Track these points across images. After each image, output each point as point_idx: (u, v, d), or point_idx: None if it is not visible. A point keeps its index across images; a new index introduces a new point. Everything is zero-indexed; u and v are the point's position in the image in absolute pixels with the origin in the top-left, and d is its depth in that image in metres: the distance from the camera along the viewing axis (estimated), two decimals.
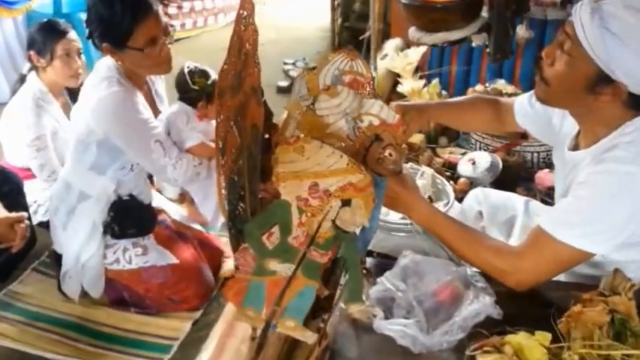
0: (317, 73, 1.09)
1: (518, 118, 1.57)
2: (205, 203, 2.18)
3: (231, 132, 0.94)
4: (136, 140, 1.90)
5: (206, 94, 2.06)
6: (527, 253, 1.25)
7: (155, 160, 1.91)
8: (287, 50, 5.39)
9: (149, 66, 1.93)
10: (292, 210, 0.98)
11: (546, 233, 1.22)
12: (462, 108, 1.64)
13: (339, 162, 0.93)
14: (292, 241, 1.00)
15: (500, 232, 1.80)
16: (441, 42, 1.59)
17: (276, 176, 0.97)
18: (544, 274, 1.25)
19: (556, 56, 1.22)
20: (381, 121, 0.97)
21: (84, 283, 2.13)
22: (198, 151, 2.07)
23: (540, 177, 2.44)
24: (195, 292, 2.17)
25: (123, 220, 2.05)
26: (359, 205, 0.95)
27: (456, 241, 1.32)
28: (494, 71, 3.34)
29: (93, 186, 2.01)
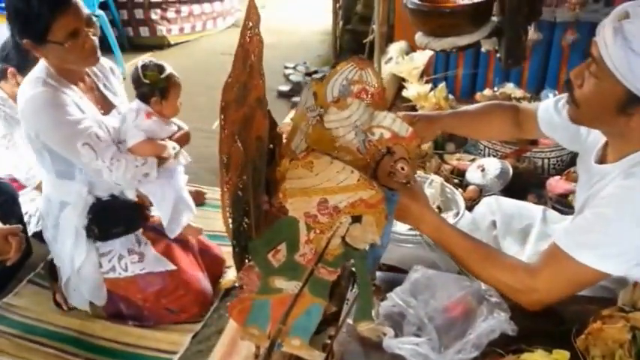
0: (325, 84, 1.04)
1: (542, 125, 1.50)
2: (162, 206, 2.06)
3: (235, 146, 0.89)
4: (63, 143, 1.82)
5: (159, 89, 1.97)
6: (542, 272, 1.18)
7: (87, 164, 1.84)
8: (287, 54, 5.34)
9: (74, 60, 1.83)
10: (300, 227, 0.93)
11: (564, 253, 1.15)
12: (478, 117, 1.57)
13: (349, 178, 0.88)
14: (299, 258, 0.96)
15: (514, 242, 1.75)
16: (450, 47, 1.53)
17: (283, 192, 0.91)
18: (559, 294, 1.19)
19: (584, 78, 1.17)
20: (392, 134, 0.92)
21: (85, 293, 2.08)
22: (138, 149, 1.95)
23: (552, 184, 2.38)
24: (194, 300, 2.11)
25: (102, 221, 1.98)
26: (370, 222, 0.89)
27: (467, 256, 1.26)
28: (502, 75, 3.28)
29: (68, 193, 1.96)
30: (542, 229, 1.75)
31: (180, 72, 2.16)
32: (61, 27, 1.73)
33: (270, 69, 4.94)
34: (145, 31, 5.53)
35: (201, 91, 4.02)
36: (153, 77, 1.96)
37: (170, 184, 2.07)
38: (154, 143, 1.99)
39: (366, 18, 5.00)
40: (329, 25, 5.77)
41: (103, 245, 2.01)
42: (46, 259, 2.28)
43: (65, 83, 1.84)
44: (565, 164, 2.63)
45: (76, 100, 1.84)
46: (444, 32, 1.49)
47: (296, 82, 4.58)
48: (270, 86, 4.51)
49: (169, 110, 2.04)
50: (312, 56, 5.36)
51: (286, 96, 4.36)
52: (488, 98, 2.83)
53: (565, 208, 2.16)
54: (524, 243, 1.73)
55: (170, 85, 1.99)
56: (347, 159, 0.94)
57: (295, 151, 1.10)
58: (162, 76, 1.98)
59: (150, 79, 1.95)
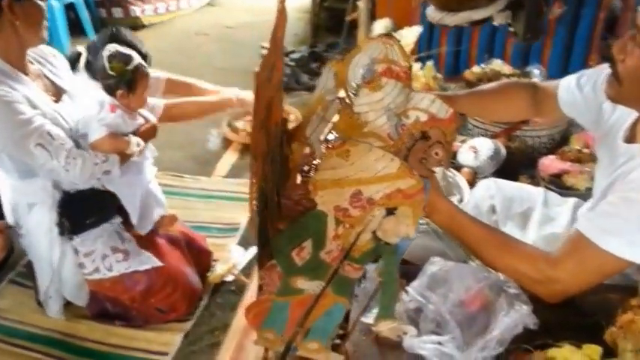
0: (347, 63, 0.93)
1: (562, 104, 1.42)
2: (130, 202, 1.93)
3: (261, 135, 0.79)
4: (14, 146, 1.68)
5: (125, 82, 1.81)
6: (564, 261, 1.10)
7: (42, 165, 1.71)
8: (264, 33, 5.10)
9: (38, 24, 1.70)
10: (328, 221, 0.83)
11: (588, 240, 1.07)
12: (495, 96, 1.49)
13: (388, 166, 0.79)
14: (325, 255, 0.87)
15: (515, 226, 1.69)
16: (465, 22, 1.44)
17: (313, 184, 0.82)
18: (582, 285, 1.12)
19: (627, 51, 1.08)
20: (430, 117, 0.82)
21: (66, 295, 1.97)
22: (102, 145, 1.80)
23: (545, 164, 2.32)
24: (182, 297, 2.01)
25: (73, 214, 1.85)
26: (406, 214, 0.80)
27: (482, 246, 1.17)
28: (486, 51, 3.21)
29: (33, 192, 1.83)
30: (544, 212, 1.70)
31: (155, 54, 2.03)
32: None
33: (247, 49, 4.87)
34: (118, 12, 5.35)
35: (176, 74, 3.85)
36: (119, 69, 1.80)
37: (137, 180, 1.95)
38: (117, 139, 1.84)
39: None
40: (305, 2, 5.63)
41: (83, 245, 1.88)
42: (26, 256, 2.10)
43: (12, 72, 1.70)
44: (556, 143, 2.58)
45: (25, 92, 1.70)
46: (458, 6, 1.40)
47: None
48: (248, 67, 4.32)
49: (136, 103, 1.89)
50: (288, 35, 5.17)
51: None
52: (477, 76, 2.75)
53: (559, 189, 2.12)
54: (526, 227, 1.68)
55: (138, 78, 1.84)
56: (376, 145, 0.85)
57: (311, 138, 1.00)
58: (129, 67, 1.81)
59: (116, 70, 1.80)
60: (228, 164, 3.17)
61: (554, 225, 1.64)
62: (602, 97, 1.33)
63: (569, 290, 1.12)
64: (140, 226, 1.97)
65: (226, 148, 3.32)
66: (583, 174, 2.16)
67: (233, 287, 2.16)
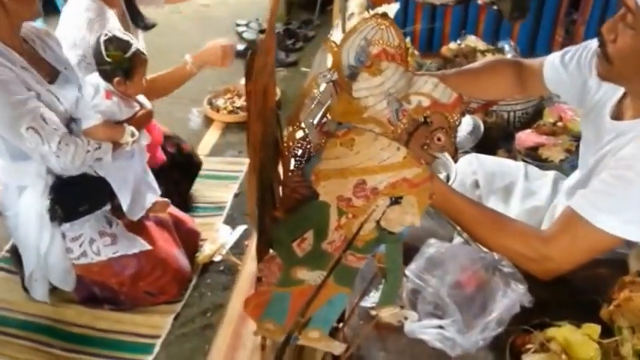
0: (341, 44, 0.93)
1: (547, 81, 1.43)
2: (122, 189, 1.90)
3: (258, 124, 0.78)
4: (4, 127, 1.64)
5: (123, 69, 1.77)
6: (557, 239, 1.12)
7: (32, 149, 1.67)
8: (237, 11, 5.08)
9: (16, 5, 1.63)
10: (331, 212, 0.84)
11: (582, 218, 1.09)
12: (482, 74, 1.49)
13: (394, 155, 0.79)
14: (327, 246, 0.87)
15: (498, 200, 1.71)
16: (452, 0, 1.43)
17: (316, 174, 0.82)
18: (575, 262, 1.14)
19: (618, 31, 1.09)
20: (432, 102, 0.83)
21: (52, 280, 1.94)
22: (95, 133, 1.76)
23: (522, 138, 2.35)
24: (172, 280, 2.01)
25: (66, 201, 1.82)
26: (411, 203, 0.81)
27: (476, 225, 1.20)
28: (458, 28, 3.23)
29: (25, 175, 1.79)
30: (526, 185, 1.73)
31: None
32: None
33: (221, 27, 4.78)
34: None
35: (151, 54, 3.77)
36: (116, 57, 1.75)
37: (130, 166, 1.90)
38: (110, 127, 1.80)
39: None
40: None
41: (71, 229, 1.85)
42: (10, 240, 2.08)
43: (6, 51, 1.63)
44: (530, 116, 2.63)
45: (19, 73, 1.63)
46: None
47: (251, 40, 4.37)
48: None
49: (134, 89, 1.85)
50: (264, 12, 5.11)
51: (241, 55, 4.14)
52: (453, 52, 2.76)
53: (535, 161, 2.17)
54: (509, 201, 1.71)
55: (136, 64, 1.79)
56: (376, 131, 0.85)
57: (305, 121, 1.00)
58: (127, 55, 1.76)
59: (113, 58, 1.74)
60: (210, 143, 3.14)
61: (535, 198, 1.67)
62: (586, 74, 1.35)
63: (562, 267, 1.14)
64: (132, 212, 1.94)
65: (208, 126, 3.29)
66: (557, 146, 2.21)
67: (222, 267, 2.16)
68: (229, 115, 3.33)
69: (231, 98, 3.48)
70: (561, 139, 2.23)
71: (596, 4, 2.93)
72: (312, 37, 4.60)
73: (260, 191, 0.84)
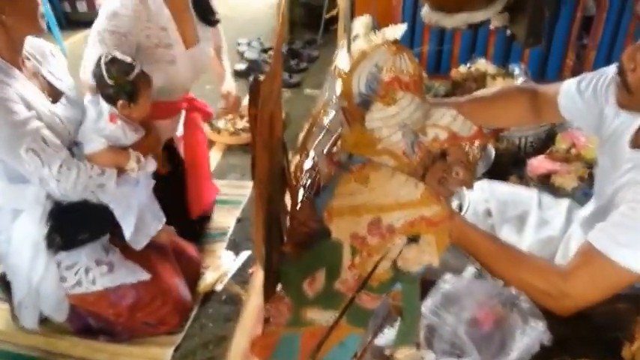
0: (351, 71, 0.88)
1: (563, 109, 1.40)
2: (125, 216, 1.80)
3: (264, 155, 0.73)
4: (2, 147, 1.55)
5: (126, 92, 1.69)
6: (576, 275, 1.07)
7: (31, 172, 1.58)
8: (239, 30, 5.07)
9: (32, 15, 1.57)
10: (344, 251, 0.78)
11: (601, 253, 1.05)
12: (496, 102, 1.45)
13: (412, 192, 0.73)
14: (339, 285, 0.81)
15: (512, 229, 1.67)
16: (464, 24, 1.39)
17: (328, 212, 0.76)
18: (594, 298, 1.09)
19: (637, 60, 1.06)
20: (450, 134, 0.77)
21: (44, 310, 1.85)
22: (99, 158, 1.69)
23: (534, 164, 2.32)
24: (173, 310, 1.92)
25: (65, 228, 1.74)
26: (428, 242, 0.76)
27: (493, 259, 1.13)
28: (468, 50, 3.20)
29: (22, 199, 1.70)
30: (539, 215, 1.69)
31: None
32: None
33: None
34: (83, 5, 5.13)
35: None
36: (119, 80, 1.67)
37: (134, 192, 1.81)
38: (115, 152, 1.72)
39: None
40: None
41: (66, 257, 1.77)
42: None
43: (6, 67, 1.57)
44: (542, 142, 2.59)
45: (20, 90, 1.57)
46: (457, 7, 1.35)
47: (252, 60, 4.34)
48: None
49: (139, 112, 1.76)
50: (265, 31, 5.12)
51: (243, 75, 4.12)
52: (463, 75, 2.73)
53: (547, 189, 2.12)
54: (522, 230, 1.67)
55: (140, 87, 1.71)
56: (390, 164, 0.79)
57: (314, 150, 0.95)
58: (130, 77, 1.69)
59: (115, 80, 1.67)
60: (211, 166, 3.07)
61: (549, 228, 1.63)
62: (603, 102, 1.32)
63: (581, 304, 1.09)
64: (135, 241, 1.84)
65: (209, 148, 3.23)
66: (570, 174, 2.19)
67: (224, 297, 2.08)
68: (231, 137, 3.28)
69: (232, 119, 3.43)
70: (574, 166, 2.19)
71: (607, 30, 2.92)
72: (315, 58, 4.58)
73: (267, 226, 0.78)
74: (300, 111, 3.54)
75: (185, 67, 2.06)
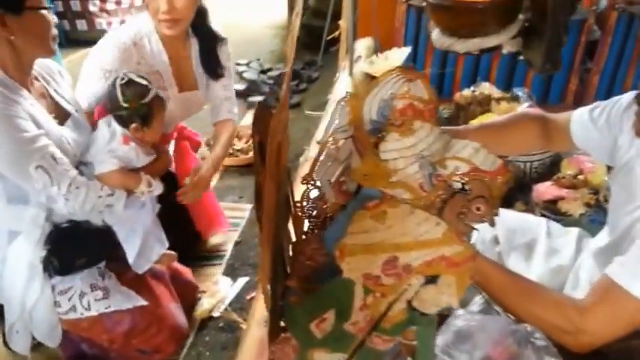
0: (362, 98, 0.84)
1: (575, 138, 1.38)
2: (129, 239, 1.78)
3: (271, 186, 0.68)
4: (11, 164, 1.53)
5: (140, 116, 1.69)
6: (595, 310, 1.04)
7: (39, 190, 1.56)
8: (238, 50, 5.06)
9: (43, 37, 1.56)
10: (356, 290, 0.72)
11: (621, 288, 1.02)
12: (505, 129, 1.43)
13: (432, 231, 0.69)
14: (350, 327, 0.76)
15: (519, 258, 1.64)
16: (476, 49, 1.37)
17: (341, 250, 0.71)
18: (613, 335, 1.06)
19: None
20: (472, 167, 0.72)
21: (36, 335, 1.78)
22: (110, 179, 1.67)
23: (540, 190, 2.29)
24: (169, 338, 1.86)
25: (64, 252, 1.69)
26: (448, 283, 0.70)
27: (506, 293, 1.11)
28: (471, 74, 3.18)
29: (20, 220, 1.66)
30: (548, 243, 1.65)
31: None
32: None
33: None
34: (83, 24, 5.13)
35: None
36: (134, 103, 1.66)
37: (139, 215, 1.78)
38: (126, 175, 1.71)
39: (320, 12, 4.82)
40: (279, 19, 5.55)
41: (60, 281, 1.71)
42: None
43: (15, 86, 1.54)
44: (547, 168, 2.56)
45: (29, 109, 1.54)
46: (470, 32, 1.32)
47: (251, 81, 4.34)
48: None
49: (151, 136, 1.76)
50: (264, 52, 5.13)
51: (242, 95, 4.11)
52: (467, 99, 2.71)
53: (554, 215, 2.09)
54: (530, 259, 1.63)
55: (154, 111, 1.71)
56: (405, 197, 0.74)
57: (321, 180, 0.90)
58: (145, 100, 1.68)
59: (130, 104, 1.66)
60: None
61: (559, 257, 1.60)
62: (617, 131, 1.30)
63: (599, 340, 1.06)
64: (137, 266, 1.80)
65: None
66: (577, 200, 2.16)
67: (222, 324, 2.02)
68: (229, 158, 3.23)
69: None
70: (581, 192, 2.16)
71: (611, 54, 2.92)
72: (315, 79, 4.57)
73: (274, 265, 0.73)
74: (300, 132, 3.51)
75: (178, 107, 2.08)
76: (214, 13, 2.21)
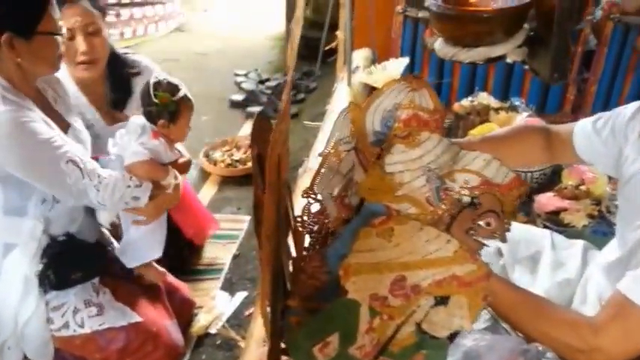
0: (365, 108, 0.81)
1: (579, 150, 1.34)
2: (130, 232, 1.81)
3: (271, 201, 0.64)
4: (41, 167, 1.54)
5: (169, 112, 1.77)
6: (609, 327, 1.01)
7: (71, 185, 1.57)
8: (236, 61, 5.07)
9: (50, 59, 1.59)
10: (361, 312, 0.68)
11: (634, 304, 0.99)
12: (509, 141, 1.40)
13: (443, 249, 0.65)
14: (355, 351, 0.72)
15: (524, 271, 1.60)
16: (481, 59, 1.34)
17: (345, 269, 0.67)
18: (628, 353, 1.02)
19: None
20: (483, 181, 0.69)
21: (27, 352, 1.73)
22: (139, 169, 1.72)
23: (542, 202, 2.25)
24: (164, 356, 1.81)
25: (60, 266, 1.66)
26: (460, 304, 0.67)
27: (516, 311, 1.08)
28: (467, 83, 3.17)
29: (17, 233, 1.63)
30: (553, 256, 1.62)
31: None
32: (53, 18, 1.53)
33: (220, 77, 4.73)
34: None
35: None
36: (164, 98, 1.74)
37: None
38: (156, 166, 1.77)
39: (316, 23, 4.82)
40: (276, 30, 5.54)
41: (54, 297, 1.68)
42: None
43: (23, 99, 1.55)
44: (547, 178, 2.54)
45: (41, 116, 1.57)
46: (475, 41, 1.30)
47: (250, 91, 4.31)
48: (222, 95, 4.24)
49: (177, 135, 1.83)
50: (262, 63, 5.11)
51: (240, 106, 4.08)
52: (466, 109, 2.68)
53: (556, 226, 2.06)
54: (535, 272, 1.60)
55: (181, 109, 1.79)
56: (410, 212, 0.71)
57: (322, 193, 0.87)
58: (175, 98, 1.76)
59: (160, 99, 1.74)
60: (207, 198, 2.99)
61: (565, 270, 1.56)
62: (622, 142, 1.27)
63: (614, 359, 1.02)
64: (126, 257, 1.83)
65: (204, 181, 3.15)
66: (579, 212, 2.14)
67: (219, 341, 1.97)
68: (227, 169, 3.20)
69: (229, 151, 3.36)
70: (583, 203, 2.13)
71: (608, 64, 2.90)
72: (313, 89, 4.56)
73: (274, 285, 0.69)
74: (298, 142, 3.47)
75: None
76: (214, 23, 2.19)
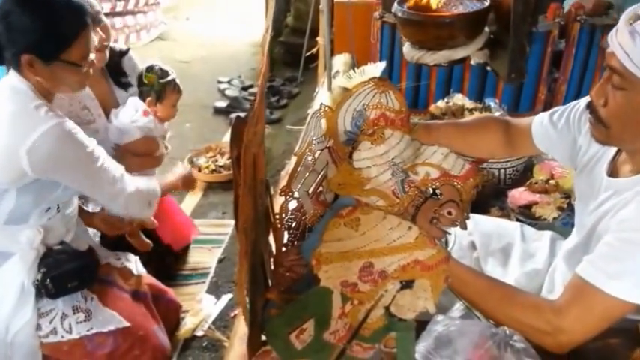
0: (337, 109, 0.86)
1: (537, 140, 1.40)
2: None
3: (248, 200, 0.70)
4: (87, 177, 1.62)
5: (155, 91, 2.09)
6: (569, 309, 1.07)
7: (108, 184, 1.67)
8: (219, 68, 5.10)
9: (69, 84, 1.63)
10: (334, 298, 0.74)
11: (592, 286, 1.05)
12: (472, 129, 1.44)
13: (405, 235, 0.71)
14: (329, 336, 0.77)
15: (496, 262, 1.66)
16: (445, 61, 1.40)
17: (317, 259, 0.73)
18: (589, 332, 1.08)
19: (607, 94, 1.07)
20: (442, 173, 0.75)
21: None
22: (136, 147, 2.00)
23: (515, 196, 2.32)
24: (151, 358, 1.83)
25: (59, 274, 1.66)
26: (424, 287, 0.72)
27: (484, 298, 1.13)
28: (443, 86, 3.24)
29: (15, 241, 1.63)
30: (523, 247, 1.68)
31: None
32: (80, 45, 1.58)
33: (203, 84, 4.77)
34: None
35: None
36: (151, 79, 2.08)
37: None
38: (149, 140, 2.09)
39: (298, 30, 4.88)
40: (259, 37, 5.59)
41: (43, 304, 1.69)
42: None
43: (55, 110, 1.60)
44: (520, 174, 2.61)
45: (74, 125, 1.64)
46: (439, 45, 1.36)
47: (233, 98, 4.35)
48: (205, 102, 4.27)
49: (163, 113, 2.14)
50: (245, 69, 5.15)
51: (224, 112, 4.11)
52: (441, 110, 2.75)
53: (529, 220, 2.13)
54: (507, 264, 1.65)
55: (167, 91, 2.11)
56: (379, 204, 0.76)
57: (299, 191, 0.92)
58: (162, 81, 2.09)
59: (148, 79, 2.08)
60: (192, 204, 3.03)
61: (534, 261, 1.63)
62: (575, 133, 1.34)
63: (576, 339, 1.08)
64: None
65: None
66: (550, 205, 2.21)
67: (205, 342, 2.01)
68: (212, 175, 3.24)
69: (213, 157, 3.39)
70: (553, 197, 2.21)
71: (576, 64, 3.01)
72: (296, 94, 4.61)
73: (251, 277, 0.74)
74: (281, 147, 3.53)
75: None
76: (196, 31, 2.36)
